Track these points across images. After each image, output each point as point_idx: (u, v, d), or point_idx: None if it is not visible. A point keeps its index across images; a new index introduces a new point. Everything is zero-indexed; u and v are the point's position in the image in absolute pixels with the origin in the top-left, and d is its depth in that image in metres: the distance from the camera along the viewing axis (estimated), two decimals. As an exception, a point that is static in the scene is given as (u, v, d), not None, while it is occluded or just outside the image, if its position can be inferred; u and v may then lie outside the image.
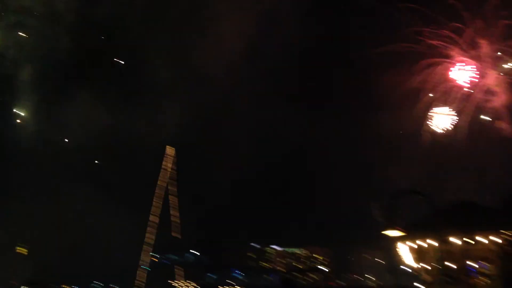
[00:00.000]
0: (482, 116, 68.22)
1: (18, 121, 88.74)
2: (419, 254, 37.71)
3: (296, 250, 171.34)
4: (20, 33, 76.68)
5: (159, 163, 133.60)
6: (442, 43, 66.17)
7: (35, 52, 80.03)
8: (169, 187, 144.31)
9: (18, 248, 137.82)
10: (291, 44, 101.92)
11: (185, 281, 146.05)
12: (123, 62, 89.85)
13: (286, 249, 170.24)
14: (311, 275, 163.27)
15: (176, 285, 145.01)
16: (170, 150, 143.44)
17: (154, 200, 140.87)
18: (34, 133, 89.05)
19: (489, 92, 66.57)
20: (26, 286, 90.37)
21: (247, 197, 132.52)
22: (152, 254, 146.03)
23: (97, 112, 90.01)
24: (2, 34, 75.10)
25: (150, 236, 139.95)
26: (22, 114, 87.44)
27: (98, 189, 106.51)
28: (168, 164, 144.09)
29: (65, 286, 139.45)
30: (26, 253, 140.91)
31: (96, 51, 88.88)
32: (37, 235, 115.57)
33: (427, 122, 70.34)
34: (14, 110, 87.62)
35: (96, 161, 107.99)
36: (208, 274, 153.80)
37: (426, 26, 65.26)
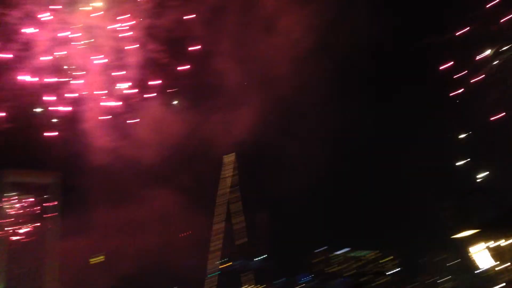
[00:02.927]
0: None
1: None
2: (496, 253, 36.42)
3: (365, 254, 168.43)
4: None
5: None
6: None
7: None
8: (231, 194, 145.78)
9: (94, 258, 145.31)
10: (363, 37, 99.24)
11: (254, 286, 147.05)
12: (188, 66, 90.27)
13: (355, 253, 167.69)
14: (381, 279, 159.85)
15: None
16: (229, 158, 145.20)
17: (216, 208, 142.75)
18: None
19: None
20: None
21: (314, 202, 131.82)
22: (220, 261, 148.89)
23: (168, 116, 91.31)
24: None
25: (217, 243, 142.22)
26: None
27: (166, 196, 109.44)
28: (227, 172, 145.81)
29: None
30: (102, 260, 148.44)
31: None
32: (112, 243, 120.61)
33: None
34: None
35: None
36: (277, 279, 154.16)
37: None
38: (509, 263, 35.76)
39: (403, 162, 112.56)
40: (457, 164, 78.78)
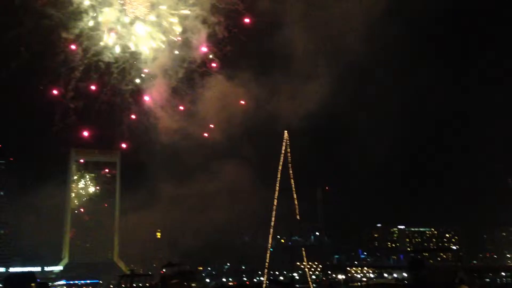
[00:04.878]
0: None
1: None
2: None
3: (424, 230, 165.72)
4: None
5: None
6: None
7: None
8: (289, 170, 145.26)
9: (157, 233, 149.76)
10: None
11: (311, 262, 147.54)
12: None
13: (413, 228, 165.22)
14: (440, 254, 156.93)
15: (302, 266, 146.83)
16: (286, 135, 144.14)
17: (277, 185, 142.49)
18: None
19: None
20: (166, 267, 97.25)
21: (373, 178, 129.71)
22: (278, 237, 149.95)
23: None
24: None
25: (276, 219, 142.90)
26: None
27: (229, 172, 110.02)
28: (286, 148, 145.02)
29: (201, 268, 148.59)
30: (158, 237, 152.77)
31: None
32: (175, 219, 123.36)
33: None
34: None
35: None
36: (335, 255, 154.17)
37: None
38: None
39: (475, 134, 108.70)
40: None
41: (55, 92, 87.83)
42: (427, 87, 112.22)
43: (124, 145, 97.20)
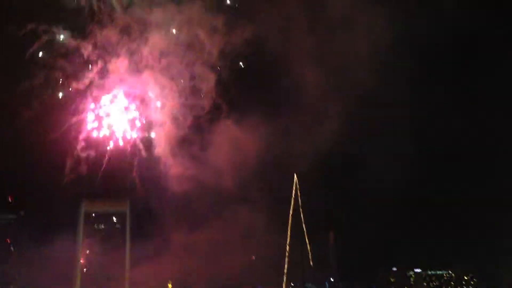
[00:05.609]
0: None
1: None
2: None
3: (442, 273, 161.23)
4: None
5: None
6: None
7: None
8: (299, 214, 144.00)
9: (169, 284, 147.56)
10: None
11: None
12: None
13: (430, 271, 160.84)
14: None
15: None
16: (296, 178, 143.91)
17: (288, 231, 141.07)
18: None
19: None
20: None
21: (383, 218, 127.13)
22: (292, 285, 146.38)
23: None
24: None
25: (288, 265, 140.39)
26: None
27: (240, 217, 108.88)
28: (296, 192, 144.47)
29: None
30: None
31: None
32: (186, 268, 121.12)
33: None
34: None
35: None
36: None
37: None
38: None
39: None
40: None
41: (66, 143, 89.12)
42: (440, 119, 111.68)
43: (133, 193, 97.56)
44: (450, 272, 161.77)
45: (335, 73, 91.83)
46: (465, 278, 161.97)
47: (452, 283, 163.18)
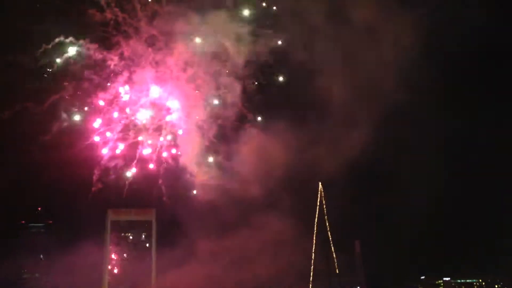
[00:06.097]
0: None
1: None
2: None
3: (471, 281, 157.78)
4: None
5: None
6: None
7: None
8: (324, 224, 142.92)
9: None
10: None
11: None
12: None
13: (460, 280, 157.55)
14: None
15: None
16: (321, 187, 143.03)
17: (314, 239, 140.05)
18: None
19: None
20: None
21: (414, 227, 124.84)
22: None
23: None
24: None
25: (315, 274, 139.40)
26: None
27: (267, 226, 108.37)
28: (321, 201, 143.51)
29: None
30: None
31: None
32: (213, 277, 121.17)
33: None
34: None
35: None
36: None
37: None
38: None
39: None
40: None
41: (93, 153, 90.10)
42: (470, 129, 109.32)
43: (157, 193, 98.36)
44: (480, 280, 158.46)
45: (364, 83, 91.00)
46: (496, 287, 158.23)
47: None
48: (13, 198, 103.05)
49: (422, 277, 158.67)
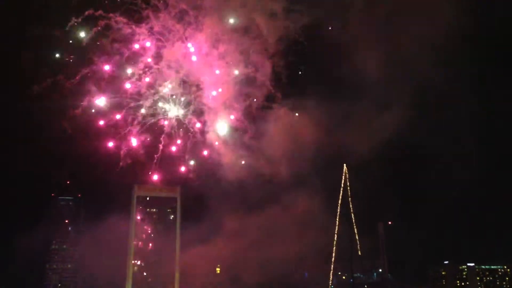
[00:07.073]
0: None
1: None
2: None
3: (496, 267, 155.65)
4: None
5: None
6: None
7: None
8: (348, 205, 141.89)
9: (217, 268, 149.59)
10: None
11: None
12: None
13: (484, 266, 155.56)
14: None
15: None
16: (345, 169, 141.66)
17: (337, 220, 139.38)
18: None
19: None
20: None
21: (437, 211, 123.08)
22: (340, 273, 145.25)
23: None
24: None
25: (337, 255, 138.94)
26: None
27: (293, 206, 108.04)
28: (345, 182, 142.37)
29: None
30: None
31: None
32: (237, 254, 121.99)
33: None
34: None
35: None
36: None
37: None
38: None
39: None
40: None
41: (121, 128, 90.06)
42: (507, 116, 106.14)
43: (184, 170, 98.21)
44: (505, 267, 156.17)
45: (398, 63, 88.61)
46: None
47: (507, 278, 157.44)
48: (44, 171, 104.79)
49: (446, 262, 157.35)
